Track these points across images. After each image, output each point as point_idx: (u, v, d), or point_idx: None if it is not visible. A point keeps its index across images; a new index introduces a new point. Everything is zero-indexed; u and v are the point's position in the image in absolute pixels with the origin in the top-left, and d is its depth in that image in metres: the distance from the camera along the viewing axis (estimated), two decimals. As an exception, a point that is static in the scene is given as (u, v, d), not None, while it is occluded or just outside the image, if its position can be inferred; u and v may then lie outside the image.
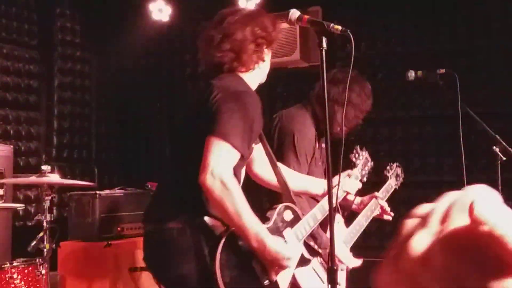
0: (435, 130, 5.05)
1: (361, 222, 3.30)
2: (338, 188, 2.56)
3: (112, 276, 4.33)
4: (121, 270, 4.41)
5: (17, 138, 5.22)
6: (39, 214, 3.68)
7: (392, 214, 3.43)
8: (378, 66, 5.16)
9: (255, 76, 2.63)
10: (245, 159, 2.49)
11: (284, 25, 3.10)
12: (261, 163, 2.86)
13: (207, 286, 2.34)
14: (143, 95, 6.22)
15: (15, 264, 3.55)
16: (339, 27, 2.45)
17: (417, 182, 5.05)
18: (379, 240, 5.12)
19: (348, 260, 3.09)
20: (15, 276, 3.50)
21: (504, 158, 3.86)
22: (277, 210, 2.62)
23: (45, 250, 3.60)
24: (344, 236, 3.17)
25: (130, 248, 4.53)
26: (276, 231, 2.61)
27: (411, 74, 4.07)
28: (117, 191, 4.76)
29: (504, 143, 3.88)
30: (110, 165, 6.01)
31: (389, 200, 5.05)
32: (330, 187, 2.35)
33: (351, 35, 2.43)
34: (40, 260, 3.59)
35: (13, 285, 3.49)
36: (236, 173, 2.41)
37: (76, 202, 4.61)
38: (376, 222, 5.04)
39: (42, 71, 5.49)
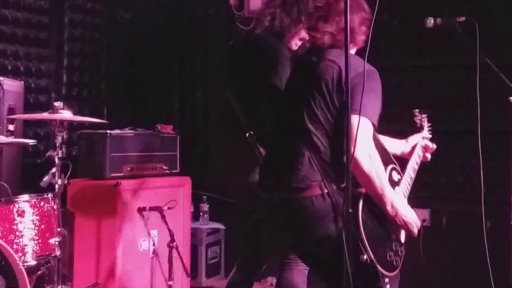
0: (448, 79, 5.00)
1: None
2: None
3: (121, 215, 4.37)
4: (129, 210, 4.44)
5: (27, 74, 5.18)
6: (51, 150, 3.69)
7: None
8: (394, 12, 5.07)
9: (353, 51, 2.88)
10: None
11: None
12: None
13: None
14: (154, 35, 6.14)
15: (27, 198, 3.58)
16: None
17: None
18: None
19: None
20: (27, 209, 3.53)
21: (519, 109, 3.83)
22: (388, 172, 2.83)
23: (57, 185, 3.62)
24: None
25: (139, 188, 4.55)
26: None
27: (430, 21, 3.99)
28: (127, 131, 4.75)
29: (520, 94, 3.84)
30: (119, 105, 5.99)
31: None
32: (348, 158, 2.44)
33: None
34: (52, 195, 3.62)
35: (24, 219, 3.52)
36: None
37: (86, 140, 4.61)
38: None
39: (53, 7, 5.41)
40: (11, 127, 4.32)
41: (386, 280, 2.75)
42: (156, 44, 6.15)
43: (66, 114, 3.75)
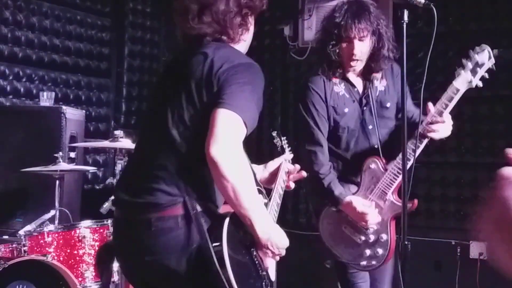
0: (505, 110, 4.93)
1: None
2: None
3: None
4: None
5: (88, 103, 5.35)
6: (111, 178, 3.80)
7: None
8: (450, 44, 5.05)
9: (241, 47, 2.38)
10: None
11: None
12: None
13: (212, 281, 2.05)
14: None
15: (88, 224, 3.68)
16: (422, 0, 2.42)
17: (485, 164, 4.96)
18: (442, 220, 5.07)
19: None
20: (87, 235, 3.63)
21: None
22: None
23: (116, 212, 3.71)
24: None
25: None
26: None
27: (486, 53, 3.96)
28: (183, 159, 4.83)
29: None
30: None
31: (456, 183, 4.98)
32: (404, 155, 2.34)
33: (434, 9, 2.41)
34: (111, 221, 3.71)
35: (84, 244, 3.62)
36: None
37: (144, 168, 4.71)
38: (456, 205, 5.00)
39: (113, 39, 5.60)
40: (72, 155, 4.46)
41: None
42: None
43: (126, 143, 3.86)
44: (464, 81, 2.78)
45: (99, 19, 5.47)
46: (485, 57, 2.79)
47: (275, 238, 2.16)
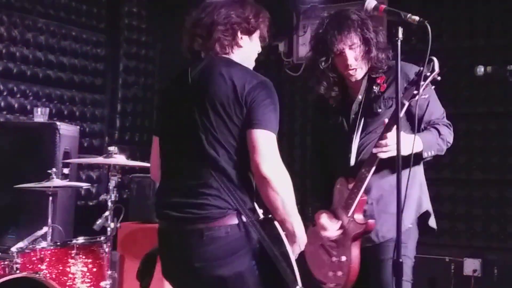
0: (499, 127, 4.95)
1: None
2: None
3: (170, 258, 4.39)
4: (178, 253, 4.47)
5: (82, 119, 5.34)
6: (105, 194, 3.77)
7: None
8: (443, 60, 5.07)
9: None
10: None
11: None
12: None
13: (275, 275, 2.31)
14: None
15: (80, 241, 3.65)
16: (417, 18, 2.43)
17: (478, 180, 4.97)
18: (436, 237, 5.05)
19: None
20: (80, 252, 3.60)
21: None
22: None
23: (109, 228, 3.69)
24: None
25: (188, 231, 4.59)
26: None
27: (480, 70, 4.00)
28: (177, 175, 4.82)
29: None
30: (169, 150, 6.10)
31: (450, 200, 4.98)
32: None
33: (429, 26, 2.42)
34: (104, 238, 3.69)
35: (77, 261, 3.59)
36: None
37: (138, 184, 4.71)
38: (450, 222, 4.99)
39: (108, 55, 5.61)
40: (66, 171, 4.44)
41: None
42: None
43: (120, 159, 3.84)
44: (409, 95, 2.75)
45: (94, 35, 5.49)
46: (428, 69, 2.76)
47: (305, 239, 2.45)
